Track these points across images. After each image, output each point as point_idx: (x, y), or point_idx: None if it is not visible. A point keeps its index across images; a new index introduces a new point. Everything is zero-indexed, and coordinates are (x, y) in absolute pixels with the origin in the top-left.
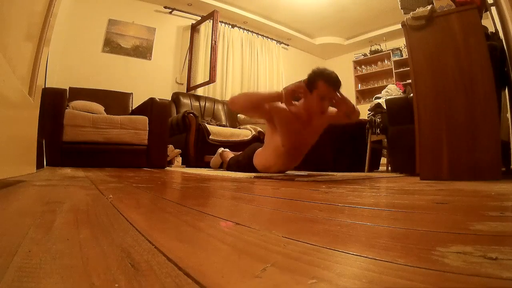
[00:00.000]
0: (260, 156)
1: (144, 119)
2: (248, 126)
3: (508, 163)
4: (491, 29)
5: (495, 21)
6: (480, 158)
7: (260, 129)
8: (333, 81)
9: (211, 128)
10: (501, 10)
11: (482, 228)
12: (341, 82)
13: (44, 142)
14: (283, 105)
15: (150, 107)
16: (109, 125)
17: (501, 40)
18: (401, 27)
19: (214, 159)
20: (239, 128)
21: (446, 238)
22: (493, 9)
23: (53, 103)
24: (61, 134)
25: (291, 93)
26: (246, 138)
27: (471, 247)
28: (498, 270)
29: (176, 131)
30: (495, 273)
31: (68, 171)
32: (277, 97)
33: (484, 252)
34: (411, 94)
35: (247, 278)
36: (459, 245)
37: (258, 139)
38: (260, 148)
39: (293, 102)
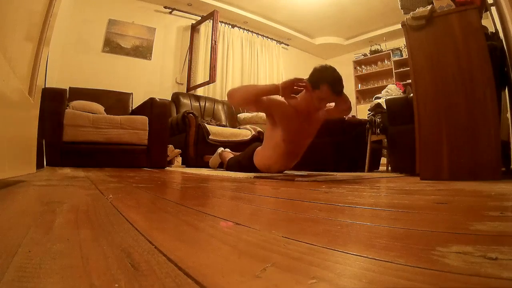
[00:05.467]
0: (261, 155)
1: (144, 119)
2: (248, 126)
3: (508, 163)
4: (491, 29)
5: (495, 21)
6: (480, 158)
7: (260, 129)
8: (337, 89)
9: (210, 128)
10: (501, 10)
11: (482, 228)
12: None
13: (44, 142)
14: (282, 98)
15: (150, 107)
16: (109, 125)
17: (501, 40)
18: (401, 27)
19: (213, 159)
20: (239, 128)
21: (446, 238)
22: (493, 9)
23: (53, 103)
24: (61, 134)
25: (290, 86)
26: (245, 138)
27: (471, 247)
28: (498, 270)
29: (176, 131)
30: (495, 273)
31: (68, 171)
32: (274, 90)
33: (484, 252)
34: (411, 94)
35: (247, 278)
36: (459, 245)
37: (258, 139)
38: (260, 147)
39: (292, 96)
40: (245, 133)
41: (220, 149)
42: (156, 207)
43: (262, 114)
